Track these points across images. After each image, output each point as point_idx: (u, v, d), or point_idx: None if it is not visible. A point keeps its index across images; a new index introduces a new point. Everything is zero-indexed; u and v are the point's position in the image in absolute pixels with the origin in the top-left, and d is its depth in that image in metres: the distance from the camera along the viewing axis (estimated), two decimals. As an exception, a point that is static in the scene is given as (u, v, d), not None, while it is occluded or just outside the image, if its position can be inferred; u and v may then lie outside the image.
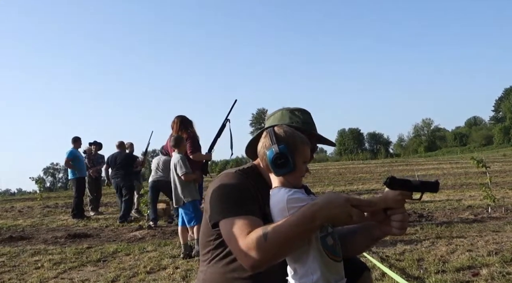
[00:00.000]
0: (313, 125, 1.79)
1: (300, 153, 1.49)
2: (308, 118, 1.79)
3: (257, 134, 1.73)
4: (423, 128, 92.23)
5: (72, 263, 5.09)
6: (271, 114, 1.82)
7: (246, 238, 1.38)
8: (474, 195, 9.32)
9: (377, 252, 4.49)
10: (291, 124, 1.69)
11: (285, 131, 1.52)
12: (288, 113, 1.77)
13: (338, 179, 17.96)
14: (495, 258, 3.93)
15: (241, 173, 1.64)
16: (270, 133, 1.51)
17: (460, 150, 60.21)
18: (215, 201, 1.56)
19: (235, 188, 1.57)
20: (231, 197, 1.53)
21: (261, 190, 1.62)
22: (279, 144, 1.46)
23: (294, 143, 1.49)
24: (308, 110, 1.83)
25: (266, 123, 1.81)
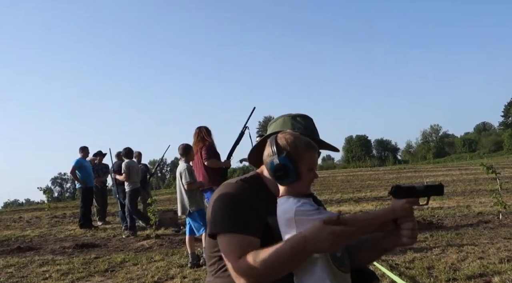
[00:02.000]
0: (315, 131, 1.78)
1: (304, 161, 1.46)
2: (310, 124, 1.78)
3: (260, 141, 1.72)
4: (431, 134, 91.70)
5: (80, 273, 5.08)
6: (273, 120, 1.81)
7: (238, 261, 1.44)
8: (485, 201, 9.19)
9: (387, 260, 4.43)
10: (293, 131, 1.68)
11: (287, 139, 1.49)
12: (290, 119, 1.75)
13: (346, 186, 17.84)
14: (507, 265, 3.86)
15: (242, 183, 1.63)
16: (271, 142, 1.49)
17: (469, 156, 59.67)
18: (214, 213, 1.57)
19: (233, 200, 1.56)
20: (228, 211, 1.54)
21: (264, 199, 1.60)
22: (280, 154, 1.44)
23: (296, 151, 1.46)
24: (310, 116, 1.82)
25: (269, 129, 1.80)
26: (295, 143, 1.48)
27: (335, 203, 11.56)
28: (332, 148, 1.76)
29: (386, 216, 1.43)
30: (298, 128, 1.70)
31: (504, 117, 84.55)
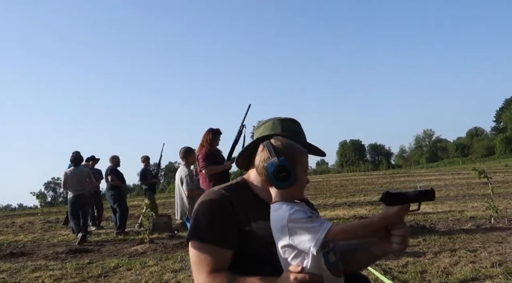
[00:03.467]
0: (303, 135, 1.79)
1: (299, 164, 1.48)
2: (298, 127, 1.79)
3: (249, 145, 1.73)
4: (425, 139, 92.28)
5: (73, 278, 5.06)
6: (261, 123, 1.80)
7: (209, 276, 1.51)
8: (477, 206, 9.27)
9: (380, 264, 4.46)
10: (283, 134, 1.68)
11: (282, 143, 1.50)
12: (280, 123, 1.76)
13: (340, 191, 17.89)
14: (499, 269, 3.90)
15: (223, 192, 1.63)
16: (267, 146, 1.48)
17: (462, 161, 60.09)
18: (194, 220, 1.61)
19: (211, 210, 1.58)
20: (203, 221, 1.57)
21: (249, 206, 1.62)
22: (279, 156, 1.44)
23: (292, 154, 1.47)
24: (297, 120, 1.83)
25: (256, 132, 1.79)
26: (291, 147, 1.50)
27: (329, 207, 11.59)
28: (319, 152, 1.75)
29: (378, 224, 1.44)
30: (287, 131, 1.71)
31: (496, 122, 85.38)
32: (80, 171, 8.50)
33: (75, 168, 8.46)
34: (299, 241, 1.36)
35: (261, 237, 1.59)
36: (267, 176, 1.46)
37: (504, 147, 72.34)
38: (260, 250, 1.58)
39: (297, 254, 1.39)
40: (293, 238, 1.37)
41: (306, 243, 1.35)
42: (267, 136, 1.68)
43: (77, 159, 8.59)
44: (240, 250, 1.56)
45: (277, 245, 1.45)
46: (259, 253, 1.58)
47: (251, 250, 1.57)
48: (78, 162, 8.58)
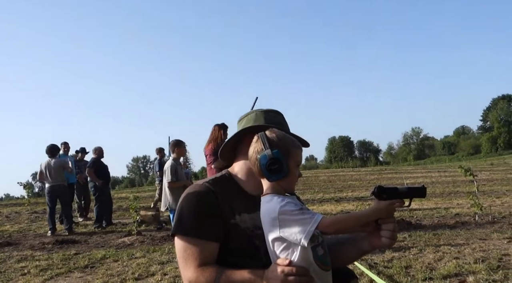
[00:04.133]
0: (287, 127, 1.77)
1: (293, 157, 1.48)
2: (281, 119, 1.78)
3: (232, 137, 1.72)
4: (412, 136, 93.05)
5: (59, 269, 5.03)
6: (244, 115, 1.78)
7: (197, 270, 1.50)
8: (462, 203, 9.41)
9: (366, 259, 4.51)
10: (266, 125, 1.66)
11: (277, 136, 1.49)
12: (263, 114, 1.73)
13: (328, 186, 18.00)
14: (482, 265, 3.98)
15: (208, 185, 1.62)
16: (262, 137, 1.48)
17: (448, 159, 60.80)
18: (178, 215, 1.60)
19: (195, 204, 1.57)
20: (188, 215, 1.57)
21: (233, 199, 1.62)
22: (272, 148, 1.44)
23: (286, 147, 1.47)
24: (281, 112, 1.81)
25: (239, 124, 1.77)
26: (285, 139, 1.50)
27: (317, 202, 11.67)
28: (303, 142, 1.72)
29: (369, 217, 1.46)
30: (270, 123, 1.68)
31: (482, 121, 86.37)
32: (56, 161, 8.40)
33: (50, 159, 8.38)
34: (289, 233, 1.37)
35: (245, 230, 1.60)
36: (259, 168, 1.46)
37: (490, 146, 73.38)
38: (244, 243, 1.59)
39: (286, 247, 1.40)
40: (283, 230, 1.38)
41: (296, 235, 1.36)
42: (250, 128, 1.67)
43: (52, 150, 8.49)
44: (224, 243, 1.56)
45: (266, 238, 1.46)
46: (243, 246, 1.59)
47: (235, 244, 1.58)
48: (53, 152, 8.48)
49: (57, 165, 8.38)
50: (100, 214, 8.77)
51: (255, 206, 1.57)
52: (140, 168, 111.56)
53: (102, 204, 8.87)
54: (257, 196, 1.56)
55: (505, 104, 79.60)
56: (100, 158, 9.22)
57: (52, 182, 8.33)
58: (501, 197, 10.45)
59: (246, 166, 1.66)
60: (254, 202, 1.61)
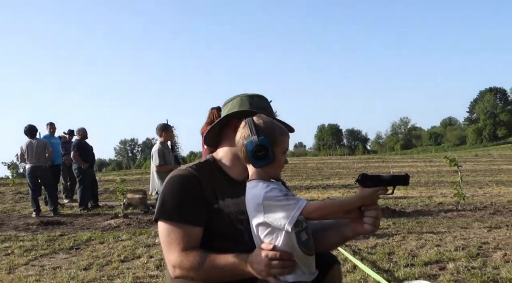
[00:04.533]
0: (272, 112, 1.77)
1: (279, 144, 1.48)
2: (266, 104, 1.77)
3: (217, 122, 1.71)
4: (400, 126, 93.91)
5: (44, 250, 5.02)
6: (229, 100, 1.76)
7: (181, 254, 1.50)
8: (446, 192, 9.57)
9: (350, 245, 4.58)
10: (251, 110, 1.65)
11: (264, 122, 1.49)
12: (248, 99, 1.72)
13: (315, 173, 18.12)
14: (462, 253, 4.07)
15: (192, 170, 1.62)
16: (249, 123, 1.48)
17: (434, 149, 61.60)
18: (161, 200, 1.59)
19: (178, 189, 1.57)
20: (171, 200, 1.57)
21: (217, 184, 1.63)
22: (259, 135, 1.44)
23: (273, 134, 1.47)
24: (265, 97, 1.80)
25: (224, 109, 1.76)
26: (272, 126, 1.49)
27: (304, 189, 11.76)
28: (288, 128, 1.70)
29: (353, 204, 1.48)
30: (255, 108, 1.68)
31: (469, 113, 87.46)
32: (37, 142, 8.29)
33: (31, 140, 8.26)
34: (273, 218, 1.38)
35: (228, 215, 1.61)
36: (245, 153, 1.46)
37: (475, 138, 74.51)
38: (228, 228, 1.60)
39: (270, 232, 1.41)
40: (268, 215, 1.39)
41: (281, 220, 1.37)
42: (235, 113, 1.66)
43: (31, 131, 8.36)
44: (208, 228, 1.57)
45: (251, 223, 1.47)
46: (227, 231, 1.59)
47: (218, 228, 1.58)
48: (32, 133, 8.36)
49: (39, 145, 8.26)
50: (84, 197, 8.70)
51: (239, 191, 1.58)
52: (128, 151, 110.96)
53: (86, 187, 8.80)
54: (241, 182, 1.57)
55: (492, 96, 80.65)
56: (84, 139, 9.10)
57: (33, 163, 8.20)
58: (484, 187, 10.65)
59: (231, 151, 1.66)
60: (238, 188, 1.61)
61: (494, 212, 6.42)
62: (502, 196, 8.78)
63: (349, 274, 3.54)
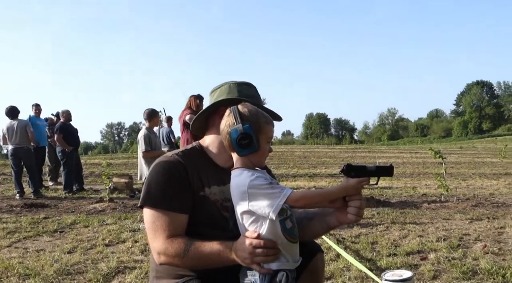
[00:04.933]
0: (259, 99, 1.76)
1: (264, 133, 1.48)
2: (255, 92, 1.77)
3: (205, 109, 1.70)
4: (388, 117, 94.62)
5: (27, 232, 4.98)
6: (217, 87, 1.76)
7: (166, 241, 1.50)
8: (430, 184, 9.71)
9: (334, 234, 4.63)
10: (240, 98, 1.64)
11: (249, 110, 1.49)
12: (236, 86, 1.72)
13: (302, 162, 18.22)
14: (443, 244, 4.14)
15: (177, 157, 1.61)
16: (234, 111, 1.47)
17: (420, 141, 62.29)
18: (147, 186, 1.58)
19: (164, 176, 1.56)
20: (156, 186, 1.56)
21: (203, 171, 1.62)
22: (244, 123, 1.44)
23: (258, 122, 1.47)
24: (254, 85, 1.79)
25: (212, 96, 1.75)
26: (257, 115, 1.49)
27: (291, 177, 11.83)
28: (276, 116, 1.72)
29: (338, 193, 1.50)
30: (244, 96, 1.68)
31: (456, 105, 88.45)
32: (17, 124, 8.17)
33: (12, 121, 8.16)
34: (258, 206, 1.39)
35: (214, 202, 1.61)
36: (230, 141, 1.46)
37: (461, 130, 75.53)
38: (213, 215, 1.60)
39: (255, 220, 1.42)
40: (252, 203, 1.40)
41: (265, 209, 1.38)
42: (225, 100, 1.66)
43: (12, 112, 8.25)
44: (194, 215, 1.57)
45: (236, 211, 1.47)
46: (212, 218, 1.60)
47: (204, 216, 1.58)
48: (13, 115, 8.24)
49: (19, 126, 8.14)
50: (69, 180, 8.62)
51: (226, 178, 1.58)
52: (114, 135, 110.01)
53: (70, 170, 8.70)
54: (228, 169, 1.57)
55: (479, 90, 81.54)
56: (68, 121, 8.96)
57: (14, 144, 8.10)
58: (467, 179, 10.83)
59: (218, 139, 1.65)
60: (224, 175, 1.61)
61: (476, 204, 6.54)
62: (485, 188, 8.95)
63: (332, 262, 3.59)
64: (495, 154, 21.22)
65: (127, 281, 3.19)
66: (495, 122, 76.80)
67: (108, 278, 3.28)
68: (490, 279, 3.07)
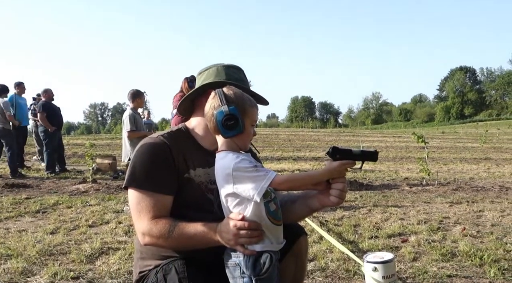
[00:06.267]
0: (247, 82, 1.75)
1: (248, 116, 1.48)
2: (242, 75, 1.76)
3: (192, 91, 1.69)
4: (372, 101, 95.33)
5: (9, 213, 4.91)
6: (204, 69, 1.74)
7: (151, 222, 1.50)
8: (412, 168, 9.88)
9: (317, 217, 4.69)
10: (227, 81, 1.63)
11: (235, 93, 1.49)
12: (224, 69, 1.70)
13: (287, 145, 18.30)
14: (424, 226, 4.24)
15: (162, 139, 1.60)
16: (219, 94, 1.47)
17: (404, 125, 63.03)
18: (132, 167, 1.57)
19: (149, 157, 1.55)
20: (142, 168, 1.55)
21: (189, 153, 1.62)
22: (230, 105, 1.44)
23: (243, 105, 1.47)
24: (241, 68, 1.78)
25: (199, 78, 1.73)
26: (242, 97, 1.49)
27: (275, 160, 11.88)
28: (263, 100, 1.72)
29: (322, 176, 1.51)
30: (232, 79, 1.67)
31: (439, 90, 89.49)
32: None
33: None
34: (242, 189, 1.39)
35: (199, 184, 1.61)
36: (215, 123, 1.46)
37: (443, 115, 76.65)
38: (198, 197, 1.60)
39: (239, 202, 1.42)
40: (237, 186, 1.40)
41: (250, 191, 1.38)
42: (213, 83, 1.64)
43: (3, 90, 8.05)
44: (178, 197, 1.57)
45: (220, 193, 1.48)
46: (197, 200, 1.60)
47: (189, 197, 1.58)
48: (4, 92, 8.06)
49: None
50: (51, 160, 8.48)
51: (211, 161, 1.57)
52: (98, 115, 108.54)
53: (53, 150, 8.56)
54: (213, 152, 1.56)
55: (462, 75, 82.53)
56: (51, 101, 8.77)
57: None
58: (448, 164, 11.04)
59: (204, 121, 1.63)
60: (209, 157, 1.60)
61: (456, 188, 6.69)
62: (465, 173, 9.15)
63: (315, 244, 3.64)
64: (475, 139, 21.66)
65: (111, 262, 3.18)
66: (476, 108, 78.08)
67: (91, 259, 3.27)
68: (468, 261, 3.16)
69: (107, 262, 3.18)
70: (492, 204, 5.45)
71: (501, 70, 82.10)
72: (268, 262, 1.41)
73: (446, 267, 3.06)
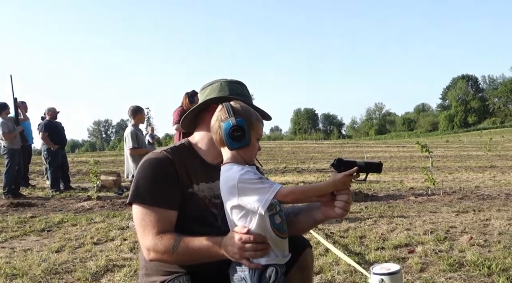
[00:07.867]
0: (250, 98, 1.77)
1: (254, 129, 1.50)
2: (246, 90, 1.78)
3: (197, 106, 1.70)
4: (375, 111, 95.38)
5: (14, 232, 4.91)
6: (208, 84, 1.76)
7: (156, 237, 1.50)
8: (417, 177, 9.82)
9: (323, 229, 4.66)
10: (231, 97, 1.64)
11: (242, 106, 1.51)
12: (228, 84, 1.72)
13: (291, 157, 18.27)
14: (430, 237, 4.20)
15: (166, 153, 1.61)
16: (227, 106, 1.49)
17: (407, 135, 62.93)
18: (136, 182, 1.58)
19: (153, 172, 1.56)
20: (145, 183, 1.55)
21: (192, 168, 1.62)
22: (237, 117, 1.46)
23: (250, 118, 1.49)
24: (244, 83, 1.80)
25: (202, 93, 1.75)
26: (249, 111, 1.51)
27: (280, 173, 11.85)
28: (265, 115, 1.73)
29: (327, 188, 1.51)
30: (235, 94, 1.68)
31: (442, 99, 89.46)
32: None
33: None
34: (247, 201, 1.39)
35: (203, 199, 1.61)
36: (221, 135, 1.47)
37: (447, 124, 76.47)
38: (202, 212, 1.60)
39: (244, 215, 1.42)
40: (242, 198, 1.40)
41: (254, 203, 1.38)
42: (217, 98, 1.66)
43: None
44: (182, 212, 1.57)
45: (225, 206, 1.48)
46: (201, 215, 1.60)
47: (193, 212, 1.58)
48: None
49: None
50: (55, 178, 8.51)
51: (214, 176, 1.58)
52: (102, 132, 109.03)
53: (56, 168, 8.59)
54: (217, 166, 1.57)
55: (464, 84, 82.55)
56: (54, 119, 8.82)
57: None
58: (453, 173, 10.98)
59: (207, 135, 1.66)
60: (213, 172, 1.61)
61: (462, 197, 6.64)
62: (470, 181, 9.08)
63: (321, 257, 3.61)
64: (480, 147, 21.53)
65: (116, 279, 3.17)
66: (480, 116, 77.90)
67: (97, 277, 3.26)
68: (476, 271, 3.12)
69: (113, 280, 3.17)
70: (499, 212, 5.40)
71: (503, 78, 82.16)
72: (274, 276, 1.40)
73: (454, 277, 3.03)
